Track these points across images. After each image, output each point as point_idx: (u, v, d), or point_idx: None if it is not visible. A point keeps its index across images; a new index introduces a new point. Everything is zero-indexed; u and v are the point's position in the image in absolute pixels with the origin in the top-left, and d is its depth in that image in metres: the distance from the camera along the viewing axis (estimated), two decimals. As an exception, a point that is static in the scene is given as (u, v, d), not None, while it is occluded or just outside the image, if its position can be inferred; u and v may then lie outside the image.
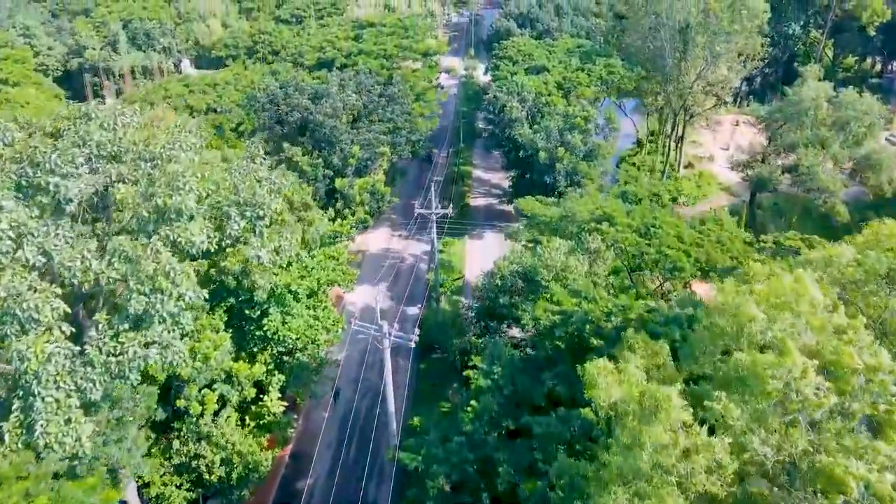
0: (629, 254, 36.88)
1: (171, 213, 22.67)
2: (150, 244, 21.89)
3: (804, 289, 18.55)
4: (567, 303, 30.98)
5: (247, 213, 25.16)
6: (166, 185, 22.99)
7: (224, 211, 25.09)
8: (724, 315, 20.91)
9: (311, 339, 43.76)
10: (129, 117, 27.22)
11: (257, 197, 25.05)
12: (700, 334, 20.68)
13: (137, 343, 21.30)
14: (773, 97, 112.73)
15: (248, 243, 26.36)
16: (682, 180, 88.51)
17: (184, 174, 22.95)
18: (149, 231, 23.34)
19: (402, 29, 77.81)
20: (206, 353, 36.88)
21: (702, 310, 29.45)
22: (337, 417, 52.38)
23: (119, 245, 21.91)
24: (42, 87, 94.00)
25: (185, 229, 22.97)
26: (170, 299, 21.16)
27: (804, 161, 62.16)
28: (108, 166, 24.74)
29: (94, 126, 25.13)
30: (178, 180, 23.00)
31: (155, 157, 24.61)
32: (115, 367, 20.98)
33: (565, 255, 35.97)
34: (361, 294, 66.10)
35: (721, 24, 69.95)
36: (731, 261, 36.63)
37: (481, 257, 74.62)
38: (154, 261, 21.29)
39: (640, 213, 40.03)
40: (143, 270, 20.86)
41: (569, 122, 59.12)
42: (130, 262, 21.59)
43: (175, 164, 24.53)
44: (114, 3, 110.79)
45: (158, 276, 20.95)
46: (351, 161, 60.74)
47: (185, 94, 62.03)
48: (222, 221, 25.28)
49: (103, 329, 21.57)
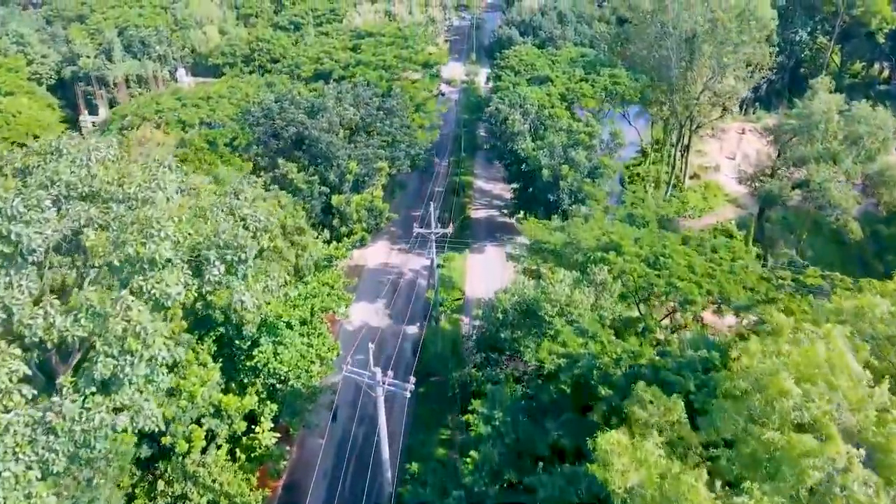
0: (638, 285, 35.04)
1: (144, 262, 20.82)
2: (120, 298, 20.04)
3: (842, 360, 16.67)
4: (573, 344, 29.15)
5: (227, 257, 23.31)
6: (139, 232, 21.14)
7: (203, 255, 23.24)
8: (748, 377, 19.02)
9: (305, 369, 42.01)
10: (103, 151, 25.41)
11: (239, 239, 23.19)
12: (723, 404, 18.78)
13: (105, 409, 19.49)
14: (779, 104, 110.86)
15: (230, 287, 24.53)
16: (688, 192, 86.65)
17: (159, 220, 21.09)
18: (123, 279, 21.51)
19: (401, 39, 75.93)
20: (193, 390, 35.10)
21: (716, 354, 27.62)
22: (333, 444, 50.48)
23: (86, 300, 20.08)
24: (35, 96, 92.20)
25: (160, 280, 21.12)
26: (140, 361, 19.35)
27: (815, 177, 60.20)
28: (79, 208, 22.91)
29: (63, 164, 23.33)
30: (153, 226, 21.16)
31: (129, 199, 22.75)
32: (81, 436, 19.18)
33: (570, 287, 34.10)
34: (360, 312, 64.34)
35: (729, 34, 67.97)
36: (745, 292, 34.77)
37: (483, 272, 72.82)
38: (124, 318, 19.44)
39: (648, 240, 38.15)
40: (112, 330, 19.02)
41: (573, 137, 57.21)
42: (99, 319, 19.74)
43: (151, 205, 22.67)
44: (109, 10, 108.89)
45: (128, 337, 19.11)
46: (348, 177, 58.89)
47: (178, 108, 60.14)
48: (201, 266, 23.44)
49: (67, 393, 19.75)
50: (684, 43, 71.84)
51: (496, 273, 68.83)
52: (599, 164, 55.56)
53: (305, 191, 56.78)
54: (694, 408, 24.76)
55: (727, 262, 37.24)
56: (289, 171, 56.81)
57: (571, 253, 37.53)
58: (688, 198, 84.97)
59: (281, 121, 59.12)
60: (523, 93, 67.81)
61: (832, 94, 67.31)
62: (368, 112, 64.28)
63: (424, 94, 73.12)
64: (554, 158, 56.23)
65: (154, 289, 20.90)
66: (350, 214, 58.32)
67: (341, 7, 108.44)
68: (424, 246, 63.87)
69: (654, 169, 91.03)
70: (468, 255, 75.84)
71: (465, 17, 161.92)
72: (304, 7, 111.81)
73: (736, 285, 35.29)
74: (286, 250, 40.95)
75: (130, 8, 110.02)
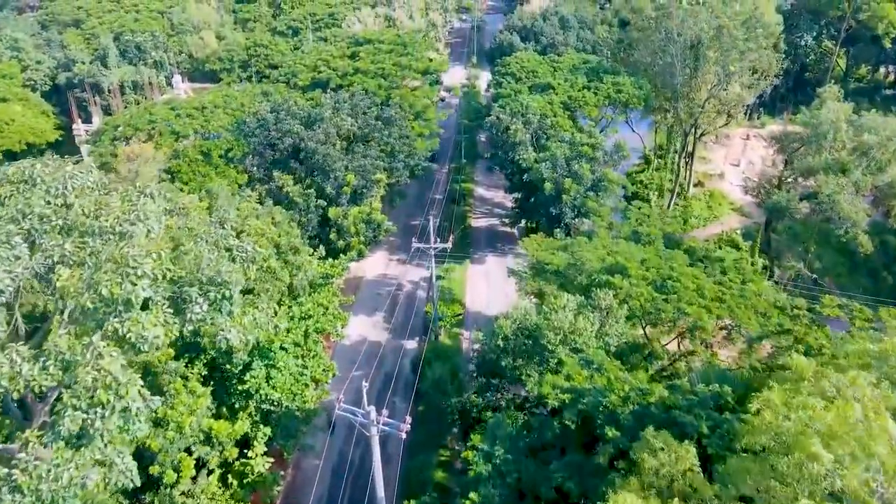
0: (644, 310, 33.60)
1: (119, 304, 19.39)
2: (91, 345, 18.60)
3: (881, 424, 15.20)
4: (577, 377, 27.71)
5: (210, 294, 21.87)
6: (114, 271, 19.70)
7: (184, 292, 21.79)
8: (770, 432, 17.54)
9: (299, 393, 40.59)
10: (80, 179, 23.98)
11: (223, 274, 21.75)
12: (743, 463, 17.30)
13: (75, 465, 18.07)
14: (784, 109, 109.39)
15: (214, 324, 23.09)
16: (693, 200, 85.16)
17: (135, 258, 19.65)
18: (98, 321, 20.08)
19: (400, 46, 74.41)
20: (181, 420, 33.71)
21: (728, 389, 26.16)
22: (330, 465, 48.95)
23: (55, 346, 18.64)
24: (29, 103, 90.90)
25: (137, 322, 19.68)
26: (112, 414, 17.92)
27: (824, 188, 58.66)
28: (53, 242, 21.48)
29: (37, 196, 21.89)
30: (129, 264, 19.71)
31: (106, 232, 21.32)
32: (48, 495, 17.75)
33: (573, 313, 32.63)
34: (358, 326, 62.93)
35: (736, 42, 66.44)
36: (756, 317, 33.29)
37: (483, 284, 71.34)
38: (94, 367, 18.00)
39: (654, 261, 36.67)
40: (81, 381, 17.59)
41: (575, 149, 55.71)
42: (68, 368, 18.31)
43: (129, 239, 21.22)
44: (105, 15, 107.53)
45: (98, 388, 17.68)
46: (345, 189, 57.44)
47: (172, 119, 58.69)
48: (183, 304, 21.99)
49: (34, 449, 18.34)
50: (689, 50, 70.34)
51: (497, 285, 67.45)
52: (603, 177, 54.05)
53: (301, 204, 55.35)
54: (707, 452, 23.33)
55: (737, 285, 35.78)
56: (284, 184, 55.40)
57: (575, 275, 36.08)
58: (692, 206, 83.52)
59: (276, 132, 57.69)
60: (525, 101, 66.34)
61: (840, 103, 65.86)
62: (366, 122, 62.84)
63: (424, 102, 71.63)
64: (556, 171, 54.74)
65: (130, 332, 19.45)
66: (347, 227, 56.88)
67: (340, 11, 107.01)
68: (424, 256, 62.48)
69: (657, 176, 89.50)
70: (468, 265, 74.39)
71: (466, 20, 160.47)
72: (302, 12, 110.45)
73: (747, 310, 33.85)
74: (280, 270, 39.59)
75: (127, 13, 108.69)
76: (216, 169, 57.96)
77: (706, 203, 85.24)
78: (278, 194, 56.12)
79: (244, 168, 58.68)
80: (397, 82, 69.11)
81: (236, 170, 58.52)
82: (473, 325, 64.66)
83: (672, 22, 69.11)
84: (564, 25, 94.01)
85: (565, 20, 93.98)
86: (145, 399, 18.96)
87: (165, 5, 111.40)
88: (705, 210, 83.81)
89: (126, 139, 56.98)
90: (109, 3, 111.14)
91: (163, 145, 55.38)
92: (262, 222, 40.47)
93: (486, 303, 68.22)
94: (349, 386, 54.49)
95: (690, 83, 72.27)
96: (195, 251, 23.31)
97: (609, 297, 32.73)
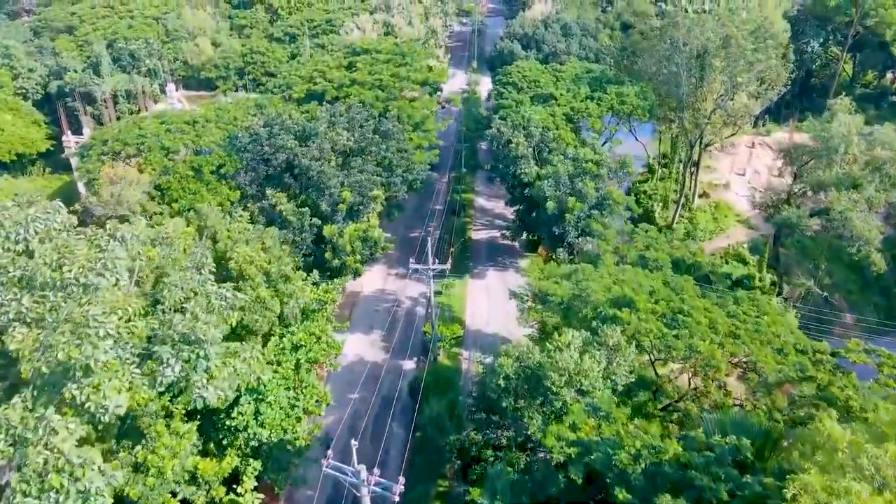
0: (655, 346, 31.67)
1: (77, 369, 17.48)
2: (44, 419, 16.67)
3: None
4: (584, 427, 25.81)
5: (184, 354, 19.94)
6: (73, 332, 17.77)
7: (155, 353, 19.85)
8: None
9: (290, 427, 38.65)
10: (45, 222, 22.05)
11: (198, 331, 19.77)
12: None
13: (25, 557, 16.15)
14: (790, 116, 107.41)
15: (189, 382, 21.13)
16: (698, 212, 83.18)
17: (96, 317, 17.72)
18: (55, 387, 18.15)
19: (398, 56, 72.41)
20: (163, 465, 31.73)
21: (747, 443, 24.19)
22: (325, 496, 46.90)
23: (5, 419, 16.71)
24: (20, 112, 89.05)
25: (97, 389, 17.75)
26: (67, 499, 15.99)
27: (836, 205, 56.68)
28: (10, 296, 19.55)
29: (-8, 244, 19.97)
30: (89, 324, 17.78)
31: (69, 285, 19.38)
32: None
33: (578, 351, 30.68)
34: (354, 344, 60.94)
35: (744, 52, 64.40)
36: (773, 355, 31.34)
37: (484, 300, 69.30)
38: (46, 446, 16.07)
39: (664, 293, 34.69)
40: (31, 464, 15.66)
41: (579, 166, 53.73)
42: (18, 444, 16.38)
43: (94, 292, 19.29)
44: (99, 21, 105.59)
45: (50, 472, 15.76)
46: (341, 207, 55.46)
47: (161, 133, 56.71)
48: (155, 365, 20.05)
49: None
50: (695, 59, 68.33)
51: (498, 301, 65.41)
52: (607, 196, 52.09)
53: (295, 223, 53.37)
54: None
55: (751, 318, 33.82)
56: (278, 202, 53.43)
57: (580, 307, 34.16)
58: (698, 219, 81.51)
59: (270, 147, 55.74)
60: (527, 114, 64.37)
61: (852, 116, 63.91)
62: (363, 135, 60.85)
63: (423, 113, 69.62)
64: (559, 189, 52.75)
65: (89, 401, 17.52)
66: (343, 246, 54.88)
67: (338, 18, 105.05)
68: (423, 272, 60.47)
69: (661, 186, 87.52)
70: (469, 281, 72.44)
71: (467, 23, 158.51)
72: (299, 17, 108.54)
73: (763, 346, 31.89)
74: (270, 300, 37.66)
75: (121, 19, 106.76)
76: (207, 185, 55.98)
77: (712, 215, 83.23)
78: (271, 212, 54.16)
79: (237, 184, 56.71)
80: (395, 94, 67.08)
81: (228, 186, 56.52)
82: (474, 345, 62.83)
83: (678, 31, 67.04)
84: (566, 33, 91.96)
85: (567, 27, 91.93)
86: (105, 474, 17.01)
87: (160, 11, 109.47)
88: (711, 222, 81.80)
89: (114, 154, 54.99)
90: (104, 9, 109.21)
91: (151, 162, 53.37)
92: (251, 248, 38.47)
93: (486, 320, 66.28)
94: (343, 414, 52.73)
95: (696, 93, 70.28)
96: (170, 298, 21.30)
97: (617, 333, 30.81)
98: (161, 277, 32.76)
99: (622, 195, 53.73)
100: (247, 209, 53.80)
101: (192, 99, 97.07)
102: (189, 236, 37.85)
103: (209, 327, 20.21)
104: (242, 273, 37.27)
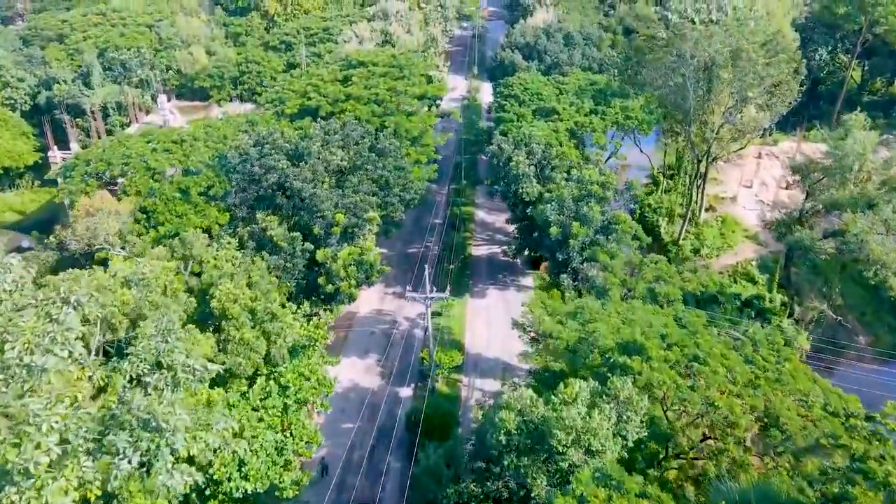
0: (668, 400, 29.33)
1: (14, 472, 15.11)
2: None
3: None
4: (593, 500, 23.47)
5: (142, 445, 17.49)
6: (10, 429, 15.40)
7: (109, 441, 17.43)
8: None
9: (277, 477, 36.30)
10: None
11: (159, 418, 17.28)
12: None
13: None
14: (797, 124, 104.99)
15: (152, 468, 18.74)
16: (705, 228, 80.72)
17: (37, 413, 15.35)
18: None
19: (396, 68, 69.94)
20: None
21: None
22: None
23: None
24: (8, 124, 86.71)
25: (39, 492, 15.38)
26: None
27: (852, 227, 54.23)
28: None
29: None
30: (29, 420, 15.41)
31: (9, 367, 17.01)
32: None
33: (586, 405, 28.31)
34: (349, 370, 58.53)
35: (755, 66, 61.90)
36: (796, 408, 28.98)
37: (484, 322, 66.81)
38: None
39: (676, 335, 32.32)
40: None
41: (584, 188, 51.29)
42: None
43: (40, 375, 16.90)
44: (91, 29, 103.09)
45: None
46: (335, 230, 53.04)
47: (147, 153, 54.27)
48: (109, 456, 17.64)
49: None
50: (702, 72, 65.88)
51: (498, 322, 63.03)
52: (614, 219, 49.67)
53: (286, 248, 50.93)
54: None
55: (772, 365, 31.44)
56: (268, 227, 50.99)
57: (586, 352, 31.82)
58: (704, 234, 79.05)
59: (260, 167, 53.32)
60: (528, 131, 61.92)
61: (867, 132, 61.47)
62: (359, 153, 58.42)
63: (421, 127, 67.16)
64: (563, 213, 50.31)
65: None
66: (337, 271, 52.43)
67: (335, 26, 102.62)
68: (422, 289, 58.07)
69: (666, 199, 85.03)
70: (468, 300, 69.97)
71: (467, 27, 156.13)
72: (296, 25, 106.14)
73: (785, 397, 29.50)
74: (255, 341, 35.31)
75: (113, 26, 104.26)
76: (195, 208, 53.58)
77: (719, 230, 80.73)
78: (262, 237, 51.76)
79: (226, 206, 54.29)
80: (392, 109, 64.63)
81: (217, 208, 54.10)
82: (474, 370, 60.42)
83: (685, 44, 64.54)
84: (569, 42, 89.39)
85: (570, 37, 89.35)
86: None
87: (153, 19, 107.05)
88: (718, 238, 79.31)
89: (98, 175, 52.56)
90: (95, 17, 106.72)
91: (136, 184, 50.95)
92: (235, 285, 36.10)
93: (486, 343, 63.92)
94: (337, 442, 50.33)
95: (703, 106, 67.85)
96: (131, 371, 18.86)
97: (628, 385, 28.43)
98: (138, 320, 30.51)
99: (630, 220, 51.19)
100: (236, 233, 51.48)
101: (185, 110, 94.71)
102: (170, 271, 35.53)
103: (174, 409, 17.78)
104: (225, 312, 34.96)
